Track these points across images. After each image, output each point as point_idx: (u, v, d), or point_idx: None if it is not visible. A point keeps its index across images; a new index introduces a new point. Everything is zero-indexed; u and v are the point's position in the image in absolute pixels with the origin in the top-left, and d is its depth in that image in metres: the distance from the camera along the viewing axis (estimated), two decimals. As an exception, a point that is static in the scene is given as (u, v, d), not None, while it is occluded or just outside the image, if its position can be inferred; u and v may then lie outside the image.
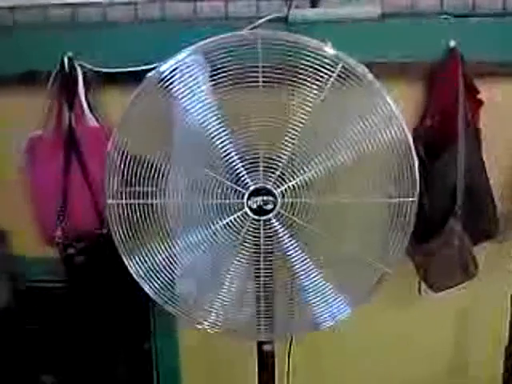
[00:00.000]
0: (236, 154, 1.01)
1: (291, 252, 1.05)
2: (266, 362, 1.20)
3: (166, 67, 0.99)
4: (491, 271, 1.49)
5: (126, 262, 1.06)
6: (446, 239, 1.35)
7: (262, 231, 1.03)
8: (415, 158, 1.00)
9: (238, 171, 1.01)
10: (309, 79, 0.98)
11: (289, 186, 1.02)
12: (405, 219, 1.02)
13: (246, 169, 1.01)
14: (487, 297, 1.54)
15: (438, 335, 1.62)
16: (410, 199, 1.02)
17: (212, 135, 1.00)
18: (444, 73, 1.36)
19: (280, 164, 1.01)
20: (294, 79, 0.98)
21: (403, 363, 1.64)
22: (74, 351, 1.61)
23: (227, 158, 1.01)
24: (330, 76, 0.97)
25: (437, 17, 1.40)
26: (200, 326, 1.09)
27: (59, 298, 1.56)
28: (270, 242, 1.04)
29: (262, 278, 1.07)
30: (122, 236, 1.04)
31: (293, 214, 1.03)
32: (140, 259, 1.05)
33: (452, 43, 1.34)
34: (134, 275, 1.06)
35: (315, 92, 0.98)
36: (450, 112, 1.34)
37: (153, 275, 1.06)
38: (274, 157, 1.01)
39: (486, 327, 1.58)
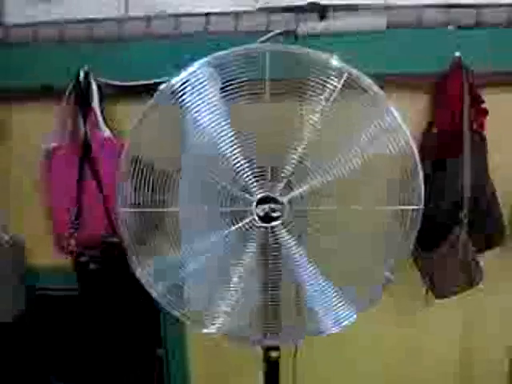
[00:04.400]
0: (244, 163, 1.04)
1: (297, 258, 1.07)
2: (272, 368, 1.21)
3: (177, 80, 1.03)
4: (496, 278, 1.49)
5: (135, 268, 1.08)
6: (451, 247, 1.36)
7: (269, 238, 1.06)
8: (420, 167, 1.02)
9: (246, 179, 1.04)
10: (315, 91, 1.01)
11: (295, 195, 1.04)
12: (410, 226, 1.04)
13: (253, 177, 1.04)
14: (493, 303, 1.54)
15: (445, 342, 1.62)
16: (415, 207, 1.03)
17: (221, 145, 1.04)
18: (449, 83, 1.38)
19: (287, 173, 1.04)
20: (302, 90, 1.01)
21: (410, 370, 1.65)
22: (86, 358, 1.64)
23: (236, 166, 1.04)
24: (336, 87, 1.00)
25: (442, 28, 1.42)
26: (207, 331, 1.11)
27: (72, 305, 1.59)
28: (276, 249, 1.07)
29: (268, 285, 1.09)
30: (132, 242, 1.07)
31: (300, 221, 1.05)
32: (149, 265, 1.08)
33: (457, 54, 1.37)
34: (143, 280, 1.09)
35: (321, 103, 1.01)
36: (455, 121, 1.36)
37: (161, 279, 1.08)
38: (281, 166, 1.04)
39: (492, 334, 1.58)
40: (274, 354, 1.19)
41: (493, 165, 1.42)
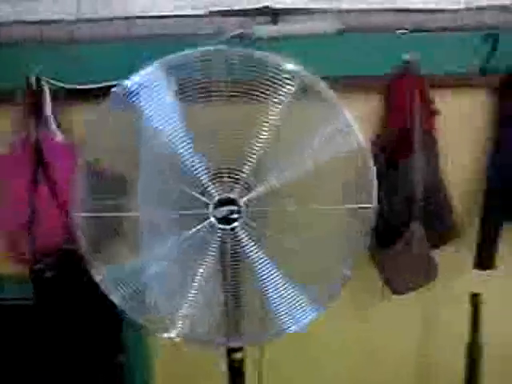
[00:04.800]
0: (201, 166, 1.04)
1: (257, 259, 1.08)
2: (235, 370, 1.22)
3: (130, 82, 1.02)
4: (451, 272, 1.55)
5: (93, 273, 1.07)
6: (406, 244, 1.40)
7: (228, 240, 1.06)
8: (372, 166, 1.05)
9: (203, 182, 1.04)
10: (270, 93, 1.02)
11: (253, 196, 1.05)
12: (364, 224, 1.06)
13: (211, 179, 1.05)
14: (448, 297, 1.59)
15: (402, 337, 1.67)
16: (369, 205, 1.06)
17: (177, 148, 1.04)
18: (401, 85, 1.42)
19: (244, 175, 1.04)
20: (256, 93, 1.02)
21: (368, 365, 1.68)
22: (46, 367, 1.60)
23: (193, 169, 1.04)
24: (290, 90, 1.02)
25: (393, 31, 1.46)
26: (168, 335, 1.10)
27: (28, 314, 1.55)
28: (236, 250, 1.07)
29: (229, 286, 1.10)
30: (89, 248, 1.06)
31: (258, 222, 1.06)
32: (107, 270, 1.07)
33: (408, 56, 1.41)
34: (101, 286, 1.08)
35: (276, 105, 1.03)
36: (406, 122, 1.41)
37: (120, 285, 1.08)
38: (238, 168, 1.05)
39: (447, 327, 1.63)
40: (237, 355, 1.19)
41: (447, 166, 1.47)
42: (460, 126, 1.51)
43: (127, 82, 1.02)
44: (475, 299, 1.41)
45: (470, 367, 1.45)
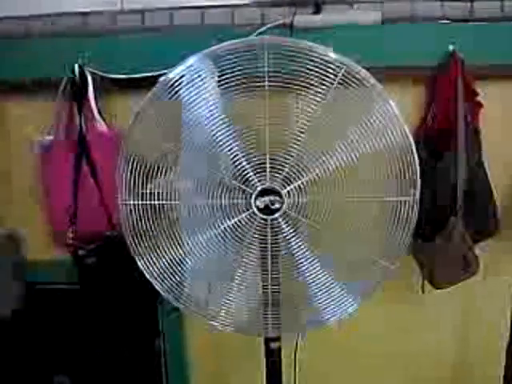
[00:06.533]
0: (243, 156, 1.05)
1: (297, 250, 1.08)
2: (273, 359, 1.22)
3: (175, 73, 1.03)
4: (493, 268, 1.52)
5: (138, 262, 1.09)
6: (447, 238, 1.38)
7: (269, 230, 1.07)
8: (416, 158, 1.04)
9: (245, 172, 1.05)
10: (313, 83, 1.01)
11: (295, 186, 1.05)
12: (406, 217, 1.05)
13: (253, 170, 1.05)
14: (489, 294, 1.57)
15: (441, 332, 1.65)
16: (411, 198, 1.05)
17: (220, 138, 1.04)
18: (444, 76, 1.40)
19: (286, 165, 1.05)
20: (299, 83, 1.02)
21: (406, 360, 1.67)
22: (85, 351, 1.64)
23: (235, 159, 1.05)
24: (334, 80, 1.01)
25: (436, 22, 1.44)
26: (209, 323, 1.12)
27: (70, 299, 1.59)
28: (277, 241, 1.08)
29: (269, 276, 1.10)
30: (133, 236, 1.07)
31: (299, 213, 1.06)
32: (151, 259, 1.09)
33: (451, 47, 1.38)
34: (146, 274, 1.09)
35: (319, 95, 1.02)
36: (450, 114, 1.38)
37: (164, 274, 1.09)
38: (280, 158, 1.05)
39: (488, 324, 1.61)
40: (273, 344, 1.20)
41: (487, 156, 1.43)
42: (504, 118, 1.47)
43: (171, 73, 1.03)
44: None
45: (511, 367, 1.42)
